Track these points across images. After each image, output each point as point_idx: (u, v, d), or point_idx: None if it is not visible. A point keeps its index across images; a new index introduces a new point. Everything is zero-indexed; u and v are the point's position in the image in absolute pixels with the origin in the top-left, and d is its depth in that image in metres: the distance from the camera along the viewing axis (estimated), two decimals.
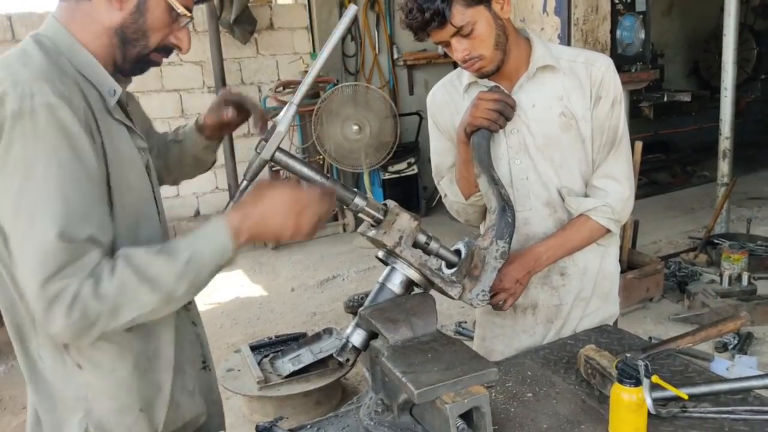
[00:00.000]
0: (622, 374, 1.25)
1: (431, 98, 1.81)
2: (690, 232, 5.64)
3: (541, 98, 1.63)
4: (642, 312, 4.16)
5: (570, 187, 1.67)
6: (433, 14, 1.46)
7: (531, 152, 1.66)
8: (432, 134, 1.84)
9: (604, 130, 1.64)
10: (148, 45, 1.24)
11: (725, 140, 5.10)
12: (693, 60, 9.08)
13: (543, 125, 1.63)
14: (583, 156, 1.67)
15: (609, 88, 1.62)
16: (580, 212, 1.65)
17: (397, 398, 1.31)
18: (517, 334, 1.80)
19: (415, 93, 7.20)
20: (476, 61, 1.55)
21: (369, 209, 1.37)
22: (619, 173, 1.67)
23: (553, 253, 1.65)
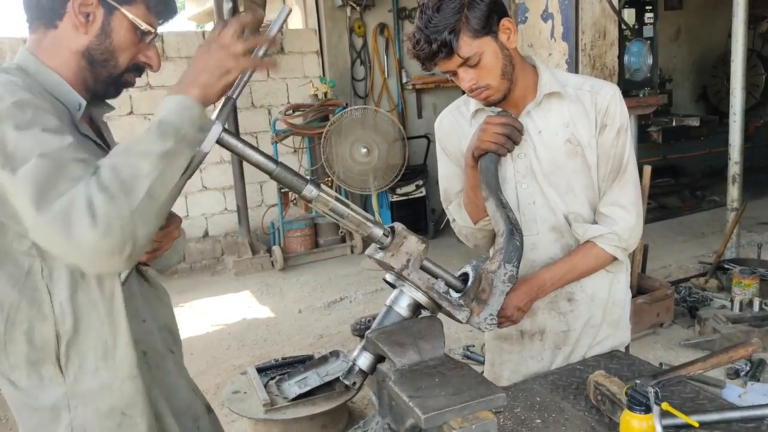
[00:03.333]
0: (632, 401, 1.23)
1: (438, 124, 1.83)
2: (700, 257, 5.60)
3: (547, 125, 1.64)
4: (652, 337, 4.12)
5: (577, 212, 1.67)
6: (440, 45, 1.47)
7: (538, 177, 1.66)
8: (440, 159, 1.85)
9: (610, 158, 1.64)
10: (118, 65, 1.28)
11: (734, 165, 5.08)
12: (701, 85, 9.10)
13: (549, 151, 1.64)
14: (589, 183, 1.67)
15: (614, 116, 1.62)
16: (587, 239, 1.65)
17: (404, 423, 1.30)
18: (525, 360, 1.79)
19: (423, 116, 7.26)
20: (483, 90, 1.56)
21: (325, 196, 1.29)
22: (626, 201, 1.66)
23: (558, 280, 1.65)
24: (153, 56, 1.32)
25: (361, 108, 6.02)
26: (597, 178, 1.67)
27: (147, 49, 1.31)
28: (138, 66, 1.32)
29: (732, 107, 5.02)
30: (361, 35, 6.84)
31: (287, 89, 6.63)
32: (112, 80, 1.30)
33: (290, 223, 6.26)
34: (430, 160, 6.78)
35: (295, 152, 6.34)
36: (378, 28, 6.89)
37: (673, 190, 7.56)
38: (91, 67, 1.27)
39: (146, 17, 1.27)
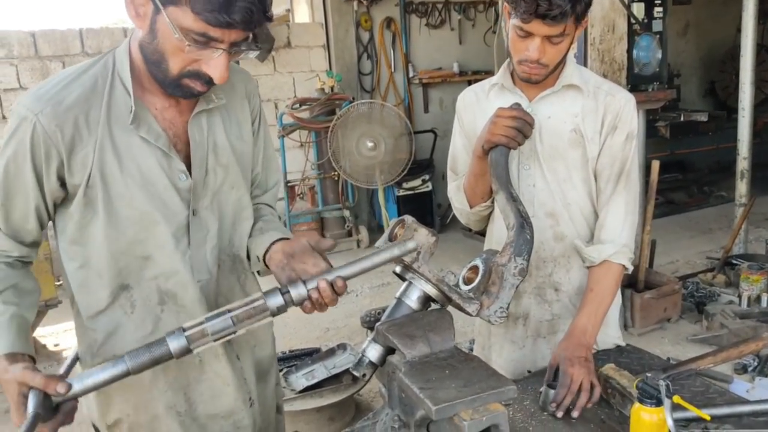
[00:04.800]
0: (643, 394, 1.23)
1: (461, 97, 1.87)
2: (708, 253, 5.57)
3: (558, 112, 1.68)
4: (659, 332, 4.11)
5: (574, 202, 1.68)
6: (560, 12, 1.49)
7: (540, 160, 1.70)
8: (455, 129, 1.89)
9: (617, 160, 1.68)
10: (169, 69, 1.21)
11: (743, 160, 5.05)
12: (709, 80, 9.04)
13: (554, 137, 1.67)
14: (586, 176, 1.70)
15: (626, 122, 1.67)
16: (602, 260, 1.66)
17: (413, 414, 1.30)
18: (507, 343, 1.80)
19: (430, 111, 7.24)
20: (538, 66, 1.59)
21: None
22: (630, 207, 1.70)
23: (594, 318, 1.63)
24: (216, 68, 1.19)
25: (367, 102, 6.01)
26: (593, 175, 1.70)
27: (212, 59, 1.18)
28: (199, 74, 1.21)
29: (741, 102, 4.99)
30: (368, 29, 6.82)
31: (294, 83, 6.62)
32: (170, 82, 1.24)
33: (297, 217, 6.26)
34: (436, 155, 6.77)
35: (302, 146, 6.34)
36: (385, 22, 6.86)
37: (680, 185, 7.53)
38: (148, 64, 1.25)
39: (194, 23, 1.12)
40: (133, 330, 1.36)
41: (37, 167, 1.25)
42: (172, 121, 1.32)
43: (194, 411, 1.41)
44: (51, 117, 1.21)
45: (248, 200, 1.50)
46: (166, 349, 1.12)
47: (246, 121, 1.46)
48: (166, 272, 1.35)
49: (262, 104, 1.54)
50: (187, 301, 1.38)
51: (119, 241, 1.31)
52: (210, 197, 1.39)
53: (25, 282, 1.32)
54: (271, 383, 1.62)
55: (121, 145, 1.27)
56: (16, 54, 5.44)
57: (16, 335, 1.21)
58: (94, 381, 1.12)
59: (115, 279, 1.34)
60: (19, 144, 1.23)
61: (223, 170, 1.39)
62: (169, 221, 1.33)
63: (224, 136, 1.39)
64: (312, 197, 6.43)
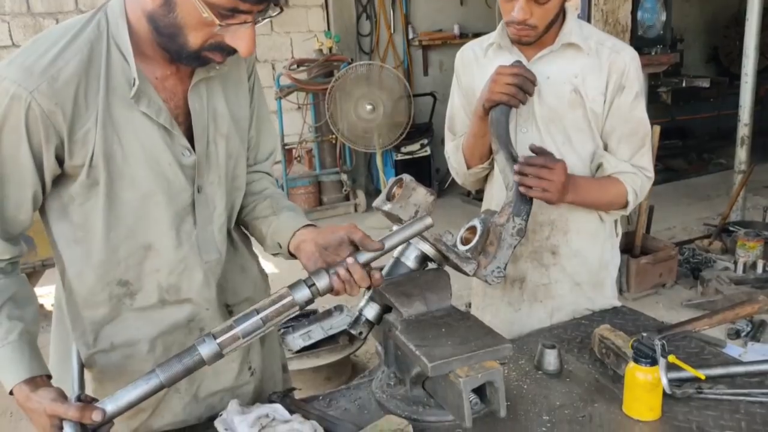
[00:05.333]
0: (638, 353, 1.23)
1: (460, 54, 1.83)
2: (705, 219, 5.58)
3: (557, 72, 1.64)
4: (654, 297, 4.14)
5: (573, 164, 1.66)
6: None
7: (538, 123, 1.66)
8: (453, 89, 1.86)
9: (627, 122, 1.65)
10: (188, 43, 1.11)
11: (744, 127, 5.02)
12: (712, 46, 8.92)
13: (552, 98, 1.64)
14: (587, 137, 1.67)
15: (633, 80, 1.63)
16: (614, 172, 1.64)
17: (409, 372, 1.31)
18: (504, 305, 1.80)
19: (429, 74, 7.15)
20: (527, 28, 1.56)
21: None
22: (649, 167, 1.69)
23: (586, 188, 1.62)
24: (243, 40, 1.11)
25: (366, 64, 5.93)
26: (600, 135, 1.67)
27: (239, 31, 1.10)
28: (221, 46, 1.13)
29: (744, 68, 4.93)
30: None
31: (291, 44, 6.51)
32: (187, 55, 1.14)
33: (294, 180, 6.24)
34: (435, 119, 6.71)
35: (299, 108, 6.27)
36: None
37: (680, 152, 7.50)
38: (159, 36, 1.13)
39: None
40: (135, 317, 1.29)
41: (36, 152, 1.13)
42: (172, 91, 1.23)
43: (196, 390, 1.37)
44: (48, 95, 1.08)
45: (243, 168, 1.41)
46: (199, 357, 1.09)
47: (242, 81, 1.37)
48: (169, 263, 1.27)
49: (256, 66, 1.45)
50: (192, 292, 1.31)
51: (119, 227, 1.21)
52: (216, 171, 1.30)
53: (22, 289, 1.22)
54: (274, 346, 1.58)
55: (122, 119, 1.16)
56: (8, 11, 5.33)
57: (30, 357, 1.13)
58: (128, 400, 1.09)
59: (113, 272, 1.25)
60: (12, 127, 1.10)
61: (223, 140, 1.31)
62: (172, 201, 1.24)
63: (224, 104, 1.30)
64: (309, 160, 6.39)
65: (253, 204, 1.44)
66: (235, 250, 1.43)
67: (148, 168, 1.20)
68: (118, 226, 1.22)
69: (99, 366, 1.30)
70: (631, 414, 1.26)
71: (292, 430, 1.14)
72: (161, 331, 1.30)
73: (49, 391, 1.09)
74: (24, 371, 1.11)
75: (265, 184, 1.49)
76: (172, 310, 1.31)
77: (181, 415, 1.36)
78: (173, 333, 1.31)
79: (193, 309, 1.33)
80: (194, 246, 1.29)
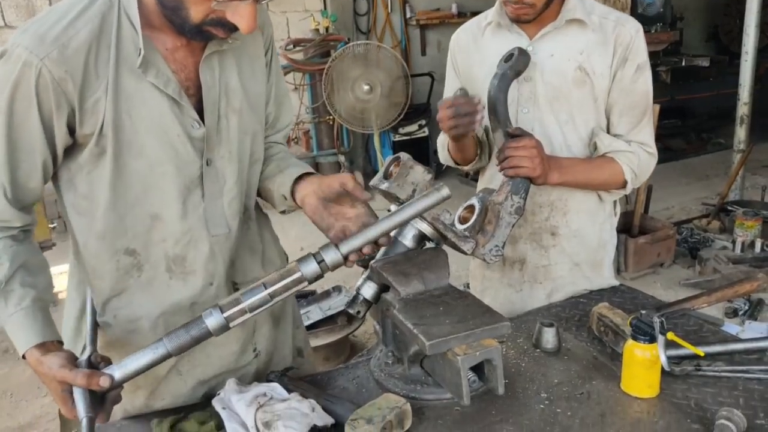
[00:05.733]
0: (636, 331, 1.23)
1: (455, 38, 1.80)
2: (703, 199, 5.58)
3: (561, 49, 1.61)
4: (652, 277, 4.15)
5: (574, 144, 1.65)
6: None
7: (540, 103, 1.64)
8: (448, 73, 1.83)
9: (629, 94, 1.62)
10: (190, 17, 1.11)
11: (743, 106, 5.00)
12: (712, 24, 8.86)
13: (556, 76, 1.61)
14: (592, 115, 1.64)
15: (636, 52, 1.60)
16: (608, 151, 1.62)
17: (407, 350, 1.30)
18: (504, 287, 1.79)
19: (427, 53, 7.09)
20: (524, 6, 1.54)
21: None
22: (650, 142, 1.66)
23: (572, 167, 1.60)
24: (243, 17, 1.11)
25: (363, 43, 5.86)
26: (603, 111, 1.64)
27: (239, 8, 1.10)
28: (222, 22, 1.13)
29: (744, 46, 4.90)
30: None
31: (287, 23, 6.44)
32: (189, 29, 1.14)
33: None
34: (433, 99, 6.66)
35: (296, 89, 6.21)
36: None
37: (679, 131, 7.47)
38: (164, 8, 1.14)
39: None
40: (141, 292, 1.30)
41: (46, 119, 1.14)
42: (183, 63, 1.22)
43: (198, 371, 1.37)
44: (59, 62, 1.09)
45: (261, 144, 1.41)
46: (204, 328, 1.10)
47: (259, 57, 1.36)
48: (174, 233, 1.27)
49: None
50: (197, 264, 1.31)
51: (126, 196, 1.22)
52: (227, 146, 1.30)
53: (35, 257, 1.23)
54: (286, 329, 1.57)
55: (130, 89, 1.17)
56: None
57: (42, 323, 1.15)
58: (135, 367, 1.11)
59: (120, 240, 1.26)
60: (23, 94, 1.11)
61: (236, 115, 1.30)
62: (180, 172, 1.24)
63: (237, 78, 1.29)
64: (306, 142, 6.35)
65: (264, 165, 1.45)
66: (248, 228, 1.42)
67: (156, 138, 1.21)
68: (126, 195, 1.22)
69: (103, 337, 1.31)
70: (629, 391, 1.25)
71: (289, 408, 1.14)
72: (163, 311, 1.31)
73: (59, 357, 1.11)
74: (35, 336, 1.13)
75: (276, 149, 1.49)
76: (177, 287, 1.31)
77: (182, 397, 1.37)
78: (176, 314, 1.31)
79: (198, 284, 1.32)
80: (201, 219, 1.29)
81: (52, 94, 1.11)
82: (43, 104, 1.13)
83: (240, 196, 1.35)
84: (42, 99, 1.12)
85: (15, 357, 3.61)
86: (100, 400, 1.11)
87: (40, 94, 1.11)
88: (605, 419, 1.19)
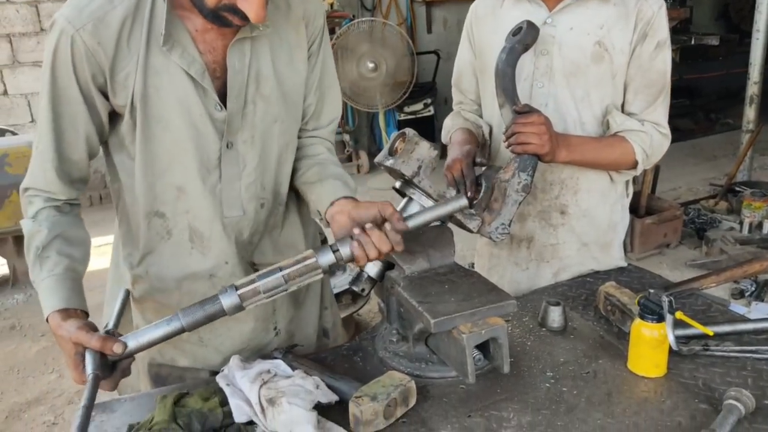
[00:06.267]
0: (644, 310, 1.22)
1: (473, 7, 1.76)
2: (711, 180, 5.54)
3: (581, 22, 1.56)
4: (658, 258, 4.13)
5: (588, 122, 1.61)
6: None
7: (556, 78, 1.59)
8: (462, 43, 1.79)
9: (646, 71, 1.57)
10: (205, 1, 1.14)
11: (753, 85, 4.93)
12: (723, 2, 8.71)
13: (575, 51, 1.57)
14: (608, 92, 1.59)
15: (657, 29, 1.55)
16: (619, 130, 1.59)
17: (412, 328, 1.29)
18: (510, 265, 1.77)
19: (433, 31, 7.01)
20: None
21: None
22: (664, 122, 1.62)
23: (581, 147, 1.56)
24: (251, 6, 1.12)
25: (368, 20, 5.80)
26: (621, 88, 1.60)
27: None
28: (234, 9, 1.14)
29: (756, 24, 4.81)
30: None
31: None
32: (207, 12, 1.16)
33: None
34: (439, 78, 6.60)
35: None
36: None
37: (687, 111, 7.40)
38: None
39: None
40: (169, 255, 1.36)
41: (84, 88, 1.20)
42: (212, 45, 1.24)
43: (217, 341, 1.42)
44: (93, 34, 1.16)
45: (294, 135, 1.42)
46: (219, 306, 1.12)
47: (300, 47, 1.35)
48: (196, 208, 1.32)
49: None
50: (212, 242, 1.35)
51: (154, 166, 1.27)
52: (250, 131, 1.31)
53: (76, 230, 1.28)
54: (311, 309, 1.59)
55: (159, 66, 1.21)
56: None
57: (70, 290, 1.18)
58: (149, 338, 1.12)
59: (152, 203, 1.31)
60: (62, 61, 1.18)
61: (264, 102, 1.31)
62: (199, 151, 1.27)
63: (270, 65, 1.30)
64: None
65: (303, 169, 1.44)
66: (272, 212, 1.42)
67: (180, 115, 1.24)
68: (154, 164, 1.28)
69: (137, 289, 1.40)
70: (635, 370, 1.24)
71: (293, 385, 1.13)
72: (186, 276, 1.37)
73: (78, 321, 1.13)
74: (60, 301, 1.16)
75: (320, 149, 1.47)
76: (197, 258, 1.36)
77: (201, 362, 1.44)
78: (196, 281, 1.37)
79: (214, 261, 1.36)
80: (217, 199, 1.32)
81: (86, 63, 1.17)
82: (79, 73, 1.19)
83: (259, 181, 1.37)
84: (78, 68, 1.18)
85: (21, 333, 3.63)
86: (110, 369, 1.13)
87: (76, 63, 1.18)
88: (612, 398, 1.18)
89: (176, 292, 1.38)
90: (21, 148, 3.90)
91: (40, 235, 1.21)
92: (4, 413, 2.96)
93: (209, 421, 1.12)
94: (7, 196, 3.84)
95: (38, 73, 5.49)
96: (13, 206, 3.84)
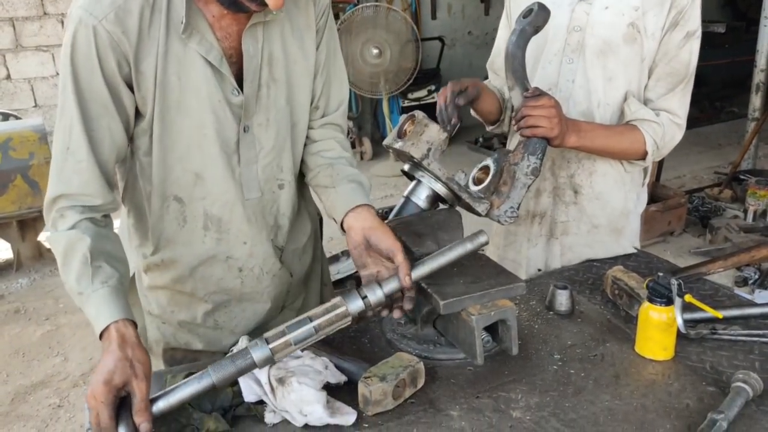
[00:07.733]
0: (653, 293, 1.22)
1: None
2: (715, 168, 5.52)
3: (616, 2, 1.55)
4: (662, 245, 4.13)
5: (613, 102, 1.60)
6: None
7: (586, 55, 1.59)
8: (502, 22, 1.79)
9: (671, 59, 1.57)
10: None
11: (760, 73, 4.91)
12: None
13: (608, 29, 1.56)
14: (636, 75, 1.59)
15: (689, 19, 1.54)
16: (633, 118, 1.58)
17: (420, 310, 1.30)
18: (524, 241, 1.77)
19: (438, 17, 6.97)
20: None
21: None
22: (681, 113, 1.61)
23: (591, 133, 1.55)
24: None
25: (372, 5, 5.76)
26: (647, 73, 1.59)
27: None
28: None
29: (763, 11, 4.78)
30: None
31: None
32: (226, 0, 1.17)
33: None
34: (443, 64, 6.58)
35: None
36: None
37: (692, 99, 7.30)
38: None
39: None
40: (183, 241, 1.36)
41: (108, 77, 1.17)
42: (228, 31, 1.25)
43: (231, 323, 1.45)
44: (116, 23, 1.14)
45: (305, 116, 1.42)
46: (251, 360, 1.09)
47: (308, 28, 1.36)
48: (214, 194, 1.32)
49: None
50: (232, 225, 1.36)
51: (173, 152, 1.27)
52: (264, 113, 1.33)
53: (117, 245, 1.23)
54: (313, 286, 1.63)
55: (179, 53, 1.21)
56: None
57: (126, 303, 1.13)
58: (179, 398, 1.08)
59: (170, 188, 1.31)
60: (83, 53, 1.14)
61: (276, 85, 1.32)
62: (219, 136, 1.28)
63: (281, 48, 1.31)
64: None
65: (315, 170, 1.45)
66: (283, 193, 1.43)
67: (200, 101, 1.25)
68: (172, 150, 1.28)
69: (150, 277, 1.42)
70: (643, 353, 1.25)
71: (303, 365, 1.14)
72: (201, 261, 1.38)
73: (144, 353, 1.08)
74: (120, 312, 1.10)
75: (332, 144, 1.47)
76: (211, 244, 1.38)
77: (215, 345, 1.46)
78: (212, 266, 1.39)
79: (231, 243, 1.38)
80: (238, 182, 1.34)
81: (111, 52, 1.15)
82: (104, 64, 1.16)
83: (276, 162, 1.39)
84: (103, 59, 1.15)
85: (26, 317, 3.65)
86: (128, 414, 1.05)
87: (101, 54, 1.15)
88: (619, 380, 1.18)
89: (190, 279, 1.39)
90: (25, 133, 3.89)
91: (83, 243, 1.14)
92: (10, 396, 2.98)
93: (219, 400, 1.13)
94: (11, 180, 3.83)
95: (41, 57, 5.48)
96: (17, 191, 3.83)
